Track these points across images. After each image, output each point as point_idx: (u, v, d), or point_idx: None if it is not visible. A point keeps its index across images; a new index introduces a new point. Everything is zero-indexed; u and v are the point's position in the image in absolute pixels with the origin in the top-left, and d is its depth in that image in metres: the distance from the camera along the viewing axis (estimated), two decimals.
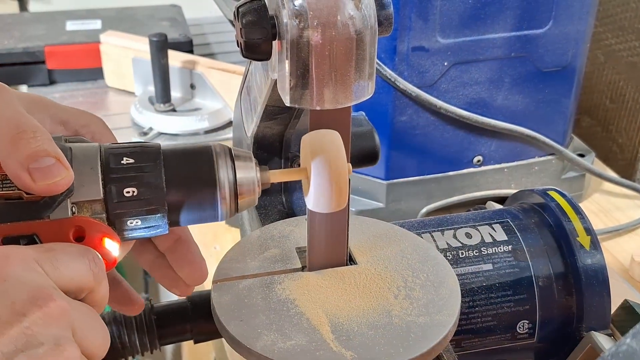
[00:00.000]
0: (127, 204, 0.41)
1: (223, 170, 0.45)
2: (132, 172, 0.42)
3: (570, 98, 0.97)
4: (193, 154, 0.45)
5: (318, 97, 0.48)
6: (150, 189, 0.42)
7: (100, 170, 0.41)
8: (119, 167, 0.41)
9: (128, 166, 0.42)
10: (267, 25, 0.48)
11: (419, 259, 0.58)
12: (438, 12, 0.84)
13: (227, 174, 0.45)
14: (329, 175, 0.46)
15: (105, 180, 0.41)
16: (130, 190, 0.42)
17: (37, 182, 0.39)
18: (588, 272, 0.62)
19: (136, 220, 0.42)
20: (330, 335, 0.51)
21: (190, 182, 0.44)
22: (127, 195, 0.42)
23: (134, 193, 0.42)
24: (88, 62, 1.13)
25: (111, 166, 0.41)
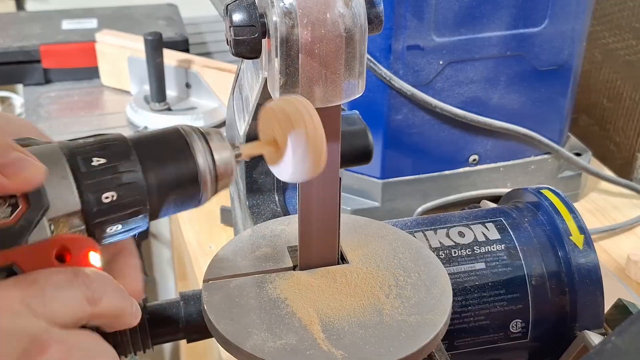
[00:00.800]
0: (107, 211, 0.37)
1: (201, 156, 0.41)
2: (108, 175, 0.38)
3: (566, 97, 0.97)
4: (166, 142, 0.41)
5: (308, 95, 0.48)
6: (130, 190, 0.38)
7: (72, 177, 0.37)
8: (92, 171, 0.37)
9: (101, 168, 0.37)
10: (256, 23, 0.48)
11: (411, 258, 0.58)
12: (433, 10, 0.84)
13: (207, 160, 0.41)
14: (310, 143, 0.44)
15: (80, 189, 0.37)
16: (109, 195, 0.37)
17: (11, 178, 0.35)
18: (581, 271, 0.62)
19: (117, 225, 0.39)
20: (321, 334, 0.51)
21: (171, 175, 0.40)
22: (107, 202, 0.37)
23: (113, 197, 0.38)
24: (84, 61, 1.13)
25: (82, 171, 0.37)
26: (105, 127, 1.03)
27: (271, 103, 0.47)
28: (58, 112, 1.07)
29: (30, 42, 1.13)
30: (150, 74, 1.00)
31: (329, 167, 0.49)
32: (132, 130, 1.01)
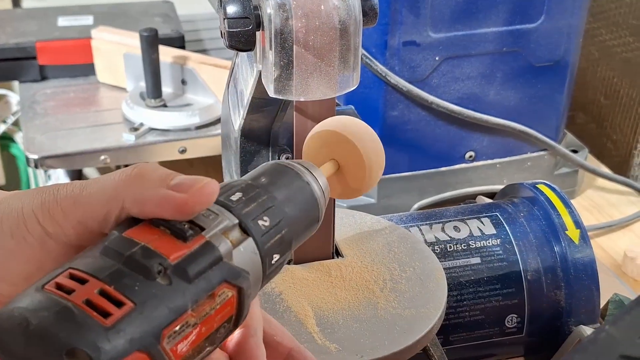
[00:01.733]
0: (271, 273, 0.37)
1: (316, 188, 0.40)
2: (276, 271, 0.38)
3: (563, 93, 0.96)
4: (290, 184, 0.39)
5: (302, 87, 0.48)
6: (287, 246, 0.38)
7: (261, 283, 0.37)
8: (271, 272, 0.37)
9: (276, 265, 0.37)
10: (250, 15, 0.48)
11: (406, 252, 0.58)
12: (429, 6, 0.84)
13: (321, 191, 0.41)
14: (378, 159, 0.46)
15: (260, 288, 0.37)
16: (276, 257, 0.37)
17: (187, 191, 0.33)
18: (577, 266, 0.62)
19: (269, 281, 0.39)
20: (315, 327, 0.51)
21: (306, 220, 0.39)
22: (274, 264, 0.37)
23: (278, 259, 0.38)
24: (80, 58, 1.12)
25: (267, 274, 0.36)
26: (102, 123, 1.03)
27: (324, 126, 0.47)
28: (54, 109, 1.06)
29: (26, 39, 1.12)
30: (146, 70, 0.99)
31: None
32: (127, 126, 1.01)
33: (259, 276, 0.36)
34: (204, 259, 0.33)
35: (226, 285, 0.33)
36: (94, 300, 0.30)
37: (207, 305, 0.32)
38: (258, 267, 0.36)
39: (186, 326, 0.31)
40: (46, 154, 0.96)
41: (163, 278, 0.31)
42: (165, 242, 0.33)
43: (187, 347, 0.32)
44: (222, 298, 0.33)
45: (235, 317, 0.34)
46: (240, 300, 0.34)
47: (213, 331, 0.33)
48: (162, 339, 0.30)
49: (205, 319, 0.32)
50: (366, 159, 0.45)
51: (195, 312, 0.32)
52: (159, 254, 0.32)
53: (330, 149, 0.47)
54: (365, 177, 0.46)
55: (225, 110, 0.70)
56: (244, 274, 0.34)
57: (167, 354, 0.30)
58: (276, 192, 0.38)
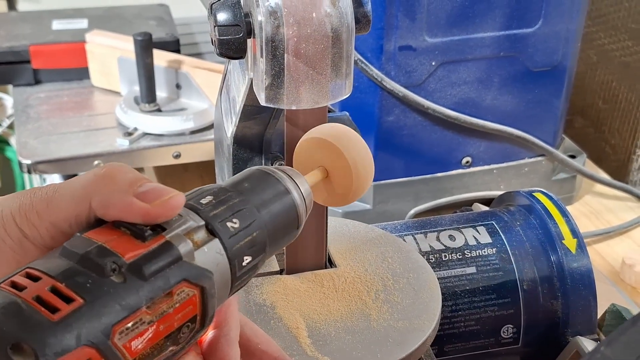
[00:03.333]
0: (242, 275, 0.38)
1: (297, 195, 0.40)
2: (249, 273, 0.38)
3: (560, 98, 0.96)
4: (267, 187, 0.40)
5: (294, 96, 0.47)
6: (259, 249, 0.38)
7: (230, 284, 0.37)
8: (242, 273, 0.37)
9: (248, 267, 0.37)
10: (241, 22, 0.47)
11: (400, 262, 0.57)
12: (425, 10, 0.83)
13: (301, 198, 0.41)
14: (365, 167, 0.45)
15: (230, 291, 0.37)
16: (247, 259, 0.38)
17: (152, 202, 0.34)
18: (574, 275, 0.61)
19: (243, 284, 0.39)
20: (307, 339, 0.50)
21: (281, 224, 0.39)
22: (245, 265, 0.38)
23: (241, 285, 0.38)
24: (74, 62, 1.11)
25: (237, 275, 0.37)
26: (95, 128, 1.02)
27: (314, 133, 0.47)
28: (48, 113, 1.05)
29: (20, 42, 1.12)
30: (140, 74, 0.98)
31: None
32: (120, 131, 1.00)
33: (226, 277, 0.36)
34: (161, 258, 0.33)
35: (186, 284, 0.33)
36: (43, 297, 0.30)
37: (164, 304, 0.33)
38: (225, 267, 0.36)
39: (140, 323, 0.32)
40: (39, 158, 0.95)
41: (117, 276, 0.32)
42: (123, 242, 0.33)
43: (143, 344, 0.32)
44: (181, 297, 0.33)
45: (201, 317, 0.35)
46: (204, 300, 0.34)
47: (174, 330, 0.33)
48: (113, 335, 0.31)
49: (163, 317, 0.33)
50: (353, 167, 0.45)
51: (151, 310, 0.32)
52: (114, 253, 0.32)
53: (318, 156, 0.47)
54: (352, 184, 0.45)
55: (218, 117, 0.70)
56: (207, 273, 0.34)
57: (119, 349, 0.31)
58: (251, 196, 0.38)
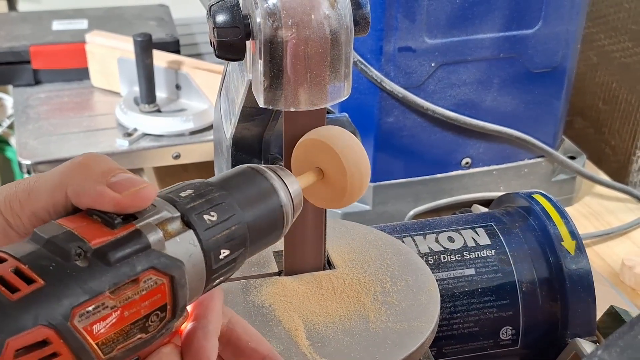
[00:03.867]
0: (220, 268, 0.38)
1: (283, 194, 0.41)
2: (228, 267, 0.38)
3: (560, 99, 0.96)
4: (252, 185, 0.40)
5: (292, 98, 0.47)
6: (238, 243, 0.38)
7: (205, 276, 0.37)
8: (219, 266, 0.37)
9: (225, 260, 0.38)
10: (240, 24, 0.47)
11: (399, 263, 0.57)
12: (425, 11, 0.83)
13: (288, 196, 0.41)
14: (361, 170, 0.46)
15: (206, 283, 0.38)
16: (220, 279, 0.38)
17: (122, 192, 0.35)
18: (573, 277, 0.61)
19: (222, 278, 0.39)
20: (305, 341, 0.50)
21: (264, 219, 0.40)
22: (215, 283, 0.38)
23: (221, 280, 0.39)
24: (74, 62, 1.11)
25: (213, 267, 0.37)
26: (95, 128, 1.02)
27: (311, 134, 0.47)
28: (48, 114, 1.05)
29: (20, 43, 1.12)
30: (140, 75, 0.98)
31: None
32: (120, 131, 1.00)
33: (200, 268, 0.36)
34: (128, 245, 0.34)
35: (153, 272, 0.34)
36: (6, 277, 0.31)
37: (129, 290, 0.33)
38: (198, 259, 0.36)
39: (102, 307, 0.32)
40: (39, 159, 0.95)
41: (82, 261, 0.32)
42: (92, 228, 0.34)
43: (106, 329, 0.33)
44: (148, 284, 0.34)
45: (172, 307, 0.35)
46: (174, 289, 0.35)
47: (141, 317, 0.34)
48: (73, 317, 0.31)
49: (128, 304, 0.33)
50: (347, 169, 0.45)
51: (115, 295, 0.33)
52: (81, 239, 0.33)
53: (315, 157, 0.47)
54: (347, 186, 0.45)
55: (217, 118, 0.70)
56: (177, 263, 0.35)
57: (79, 332, 0.31)
58: (234, 192, 0.39)
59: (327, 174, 0.46)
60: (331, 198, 0.47)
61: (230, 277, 0.39)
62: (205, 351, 0.38)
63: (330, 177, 0.46)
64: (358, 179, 0.45)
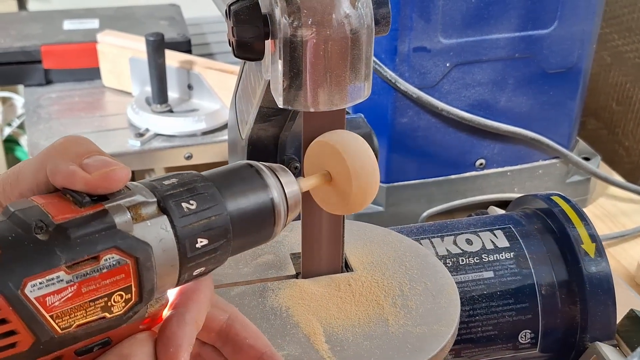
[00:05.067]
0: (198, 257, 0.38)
1: (276, 192, 0.41)
2: (206, 257, 0.38)
3: (575, 100, 0.95)
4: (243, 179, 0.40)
5: (312, 98, 0.47)
6: (219, 233, 0.38)
7: (179, 263, 0.37)
8: (195, 255, 0.37)
9: (203, 250, 0.38)
10: (259, 23, 0.46)
11: (417, 266, 0.56)
12: (440, 11, 0.83)
13: (281, 195, 0.41)
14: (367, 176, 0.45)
15: (181, 271, 0.38)
16: (200, 269, 0.38)
17: (93, 173, 0.35)
18: (593, 280, 0.60)
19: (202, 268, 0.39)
20: (324, 345, 0.49)
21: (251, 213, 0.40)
22: (196, 274, 0.39)
23: (201, 270, 0.39)
24: (85, 62, 1.11)
25: (188, 256, 0.37)
26: (106, 128, 1.01)
27: (322, 137, 0.47)
28: (59, 113, 1.05)
29: (31, 42, 1.11)
30: (152, 75, 0.98)
31: None
32: (132, 131, 0.99)
33: (172, 254, 0.36)
34: (92, 224, 0.34)
35: (116, 252, 0.34)
36: None
37: (88, 266, 0.34)
38: (170, 244, 0.36)
39: (57, 280, 0.33)
40: None
41: (43, 235, 0.33)
42: (60, 206, 0.35)
43: (61, 302, 0.33)
44: (110, 263, 0.34)
45: (138, 290, 0.36)
46: (139, 271, 0.35)
47: (102, 296, 0.34)
48: (24, 286, 0.32)
49: (86, 280, 0.34)
50: (353, 174, 0.44)
51: (72, 270, 0.33)
52: (45, 214, 0.34)
53: (324, 161, 0.46)
54: (351, 193, 0.45)
55: (232, 118, 0.69)
56: (143, 245, 0.35)
57: (29, 301, 0.32)
58: (221, 184, 0.39)
59: (334, 178, 0.46)
60: (336, 203, 0.47)
61: (213, 269, 0.39)
62: (177, 338, 0.38)
63: (337, 182, 0.46)
64: (364, 186, 0.45)
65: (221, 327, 0.43)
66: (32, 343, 0.33)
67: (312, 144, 0.48)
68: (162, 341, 0.38)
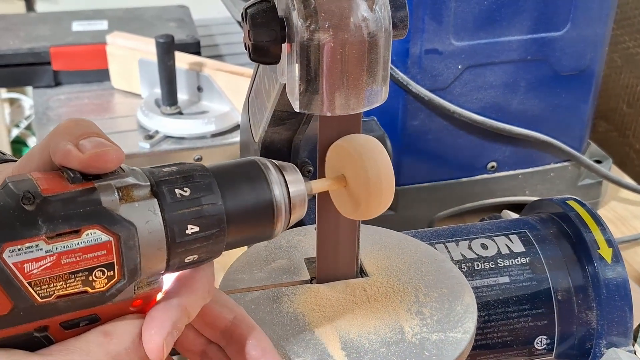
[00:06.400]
0: (189, 243, 0.39)
1: (277, 188, 0.41)
2: (197, 244, 0.39)
3: (587, 103, 0.94)
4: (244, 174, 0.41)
5: (329, 102, 0.46)
6: (211, 222, 0.39)
7: (166, 247, 0.38)
8: (185, 241, 0.38)
9: (193, 237, 0.38)
10: (276, 27, 0.46)
11: (433, 271, 0.56)
12: (452, 13, 0.82)
13: (282, 192, 0.42)
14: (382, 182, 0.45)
15: (170, 256, 0.38)
16: (192, 257, 0.39)
17: (86, 152, 0.37)
18: (609, 286, 0.60)
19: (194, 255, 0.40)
20: (341, 352, 0.49)
21: (249, 207, 0.40)
22: (188, 261, 0.39)
23: (194, 258, 0.39)
24: (94, 64, 1.11)
25: (177, 241, 0.38)
26: (116, 130, 1.01)
27: (340, 141, 0.47)
28: (68, 115, 1.05)
29: (40, 44, 1.11)
30: (162, 77, 0.98)
31: None
32: (141, 133, 0.99)
33: (158, 237, 0.37)
34: (78, 199, 0.36)
35: (99, 228, 0.36)
36: None
37: (68, 238, 0.35)
38: (156, 227, 0.37)
39: (36, 249, 0.34)
40: None
41: (29, 205, 0.35)
42: (53, 181, 0.37)
43: (40, 270, 0.35)
44: (91, 238, 0.36)
45: (120, 267, 0.37)
46: (121, 249, 0.36)
47: (83, 269, 0.36)
48: (2, 250, 0.34)
49: (66, 252, 0.35)
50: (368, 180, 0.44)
51: (51, 240, 0.35)
52: (35, 186, 0.36)
53: (341, 164, 0.47)
54: (366, 198, 0.45)
55: (244, 120, 0.69)
56: (127, 224, 0.36)
57: (7, 265, 0.34)
58: (220, 176, 0.40)
59: (350, 183, 0.46)
60: (351, 208, 0.47)
61: (207, 258, 0.40)
62: (160, 321, 0.38)
63: (352, 187, 0.46)
64: (378, 192, 0.45)
65: (226, 326, 0.44)
66: (10, 308, 0.34)
67: (333, 146, 0.48)
68: (147, 322, 0.39)
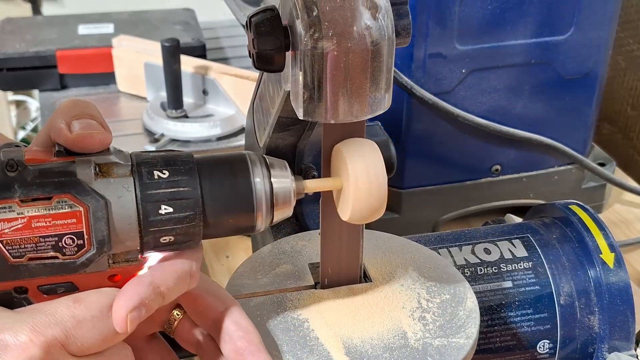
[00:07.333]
0: (162, 223, 0.41)
1: (259, 181, 0.43)
2: (171, 225, 0.41)
3: (591, 106, 0.94)
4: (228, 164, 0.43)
5: (332, 110, 0.47)
6: (188, 235, 0.41)
7: (138, 224, 0.40)
8: (157, 220, 0.40)
9: (167, 217, 0.41)
10: (280, 35, 0.46)
11: (436, 276, 0.56)
12: (456, 18, 0.82)
13: (264, 185, 0.43)
14: (369, 184, 0.45)
15: (143, 233, 0.40)
16: (167, 238, 0.41)
17: (73, 133, 0.40)
18: (612, 290, 0.60)
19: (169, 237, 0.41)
20: (344, 357, 0.49)
21: (226, 195, 0.42)
22: (164, 241, 0.41)
23: (170, 239, 0.41)
24: (100, 67, 1.11)
25: (150, 219, 0.40)
26: (122, 133, 1.02)
27: (340, 144, 0.48)
28: None
29: (46, 47, 1.12)
30: (167, 80, 0.98)
31: None
32: (147, 137, 1.00)
33: (130, 213, 0.40)
34: (54, 170, 0.39)
35: (70, 197, 0.39)
36: None
37: (39, 204, 0.38)
38: (129, 203, 0.40)
39: (9, 210, 0.38)
40: None
41: (11, 172, 0.38)
42: (41, 154, 0.40)
43: (11, 231, 0.38)
44: (61, 205, 0.38)
45: (89, 237, 0.39)
46: (90, 219, 0.39)
47: (52, 235, 0.38)
48: None
49: (37, 216, 0.38)
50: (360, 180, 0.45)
51: (24, 204, 0.38)
52: (21, 156, 0.39)
53: (338, 167, 0.48)
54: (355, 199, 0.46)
55: (249, 125, 0.69)
56: (97, 197, 0.39)
57: None
58: (203, 164, 0.42)
59: (343, 184, 0.47)
60: (343, 209, 0.48)
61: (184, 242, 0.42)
62: (128, 295, 0.40)
63: (344, 188, 0.47)
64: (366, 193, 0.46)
65: (217, 316, 0.46)
66: None
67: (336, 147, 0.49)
68: (117, 295, 0.41)
